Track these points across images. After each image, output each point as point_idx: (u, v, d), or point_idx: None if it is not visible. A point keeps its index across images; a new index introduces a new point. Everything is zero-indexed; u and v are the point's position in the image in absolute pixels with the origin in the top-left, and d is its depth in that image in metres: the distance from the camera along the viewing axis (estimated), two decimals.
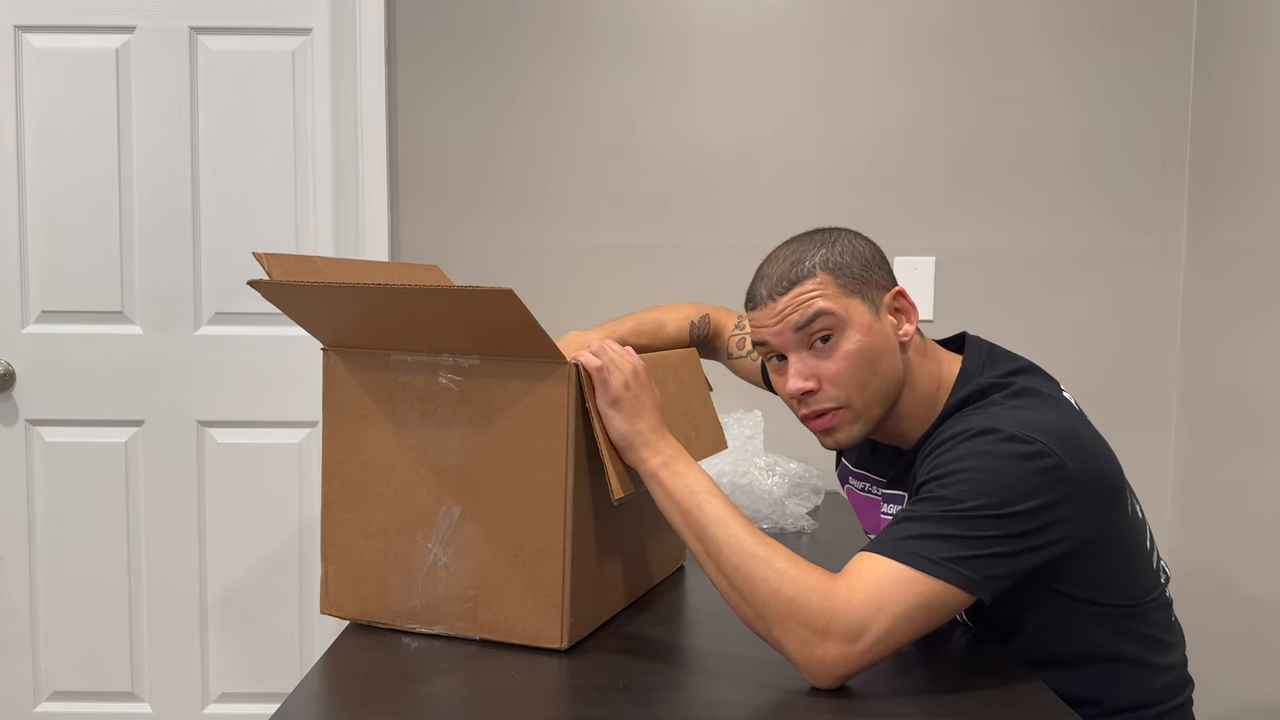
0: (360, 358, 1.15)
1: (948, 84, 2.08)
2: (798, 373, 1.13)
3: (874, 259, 1.15)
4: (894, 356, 1.14)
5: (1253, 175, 1.87)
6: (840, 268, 1.12)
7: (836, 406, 1.13)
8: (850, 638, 0.97)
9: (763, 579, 0.99)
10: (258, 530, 2.14)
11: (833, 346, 1.11)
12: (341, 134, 2.08)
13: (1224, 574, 1.93)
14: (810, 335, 1.11)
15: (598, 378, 1.09)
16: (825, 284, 1.11)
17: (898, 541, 1.00)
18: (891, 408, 1.15)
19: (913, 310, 1.15)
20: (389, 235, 2.07)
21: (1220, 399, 1.95)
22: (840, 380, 1.12)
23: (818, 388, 1.12)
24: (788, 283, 1.13)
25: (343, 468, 1.17)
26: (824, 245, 1.14)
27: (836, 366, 1.11)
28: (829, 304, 1.11)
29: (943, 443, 1.06)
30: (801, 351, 1.13)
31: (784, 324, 1.12)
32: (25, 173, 2.08)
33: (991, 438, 1.02)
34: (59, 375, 2.10)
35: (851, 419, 1.13)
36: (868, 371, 1.12)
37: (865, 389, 1.12)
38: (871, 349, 1.12)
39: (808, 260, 1.13)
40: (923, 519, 1.00)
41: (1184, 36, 2.07)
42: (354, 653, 1.11)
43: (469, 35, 2.09)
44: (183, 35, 2.06)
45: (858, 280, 1.12)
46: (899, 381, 1.14)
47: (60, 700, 2.15)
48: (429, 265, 1.53)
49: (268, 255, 1.12)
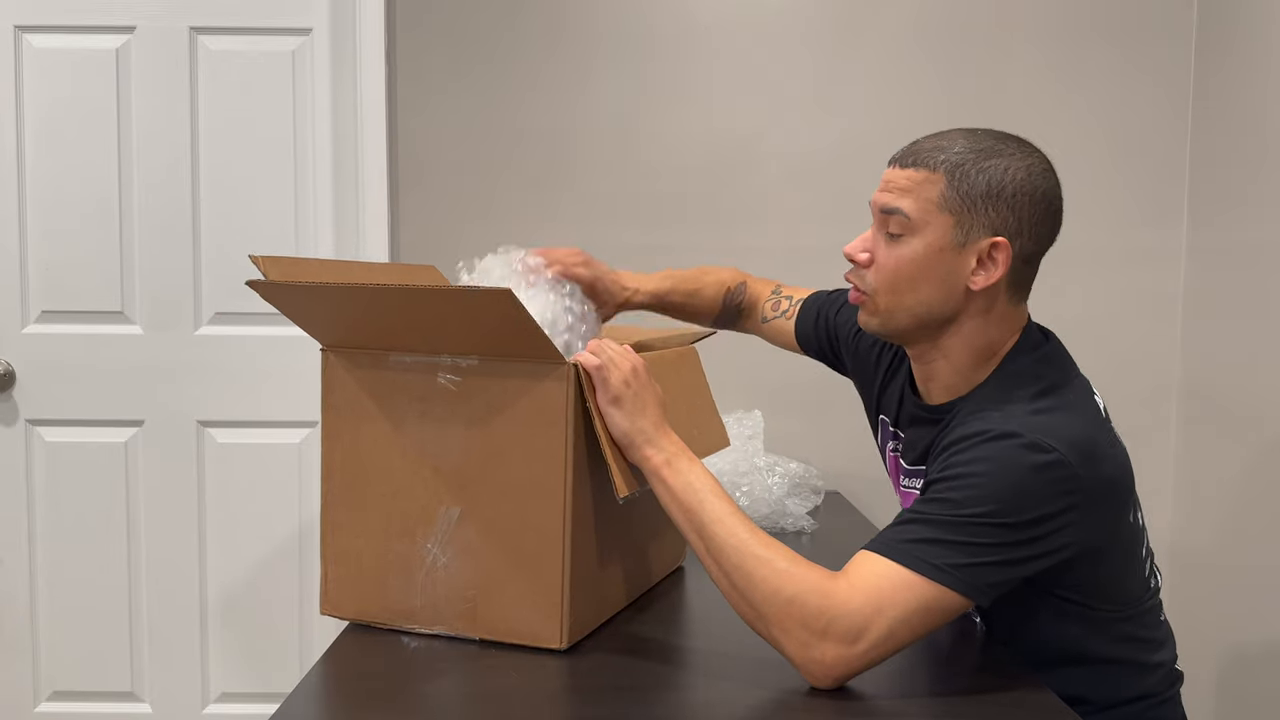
0: (359, 358, 1.15)
1: (949, 83, 2.08)
2: (864, 240, 1.12)
3: (1011, 199, 1.06)
4: (947, 290, 1.08)
5: (1252, 174, 1.86)
6: (963, 180, 1.06)
7: (864, 293, 1.12)
8: (849, 639, 0.97)
9: (762, 578, 0.99)
10: (258, 530, 2.14)
11: (896, 243, 1.09)
12: (341, 134, 2.08)
13: (1223, 573, 1.93)
14: (886, 220, 1.09)
15: (597, 376, 1.09)
16: (933, 184, 1.06)
17: (902, 544, 0.99)
18: (927, 337, 1.12)
19: (1002, 268, 1.07)
20: (389, 235, 2.07)
21: (1220, 398, 1.95)
22: (881, 274, 1.10)
23: (865, 265, 1.12)
24: (911, 159, 1.09)
25: (342, 468, 1.17)
26: (978, 154, 1.06)
27: (884, 260, 1.10)
28: (913, 208, 1.07)
29: (959, 440, 1.04)
30: (878, 228, 1.11)
31: (879, 197, 1.10)
32: (25, 173, 2.07)
33: (1009, 443, 1.00)
34: (59, 375, 2.10)
35: (871, 310, 1.13)
36: (908, 285, 1.09)
37: (897, 297, 1.10)
38: (924, 268, 1.08)
39: (945, 153, 1.07)
40: (929, 522, 0.99)
41: (1184, 36, 2.06)
42: (354, 653, 1.11)
43: (469, 35, 2.09)
44: (183, 35, 2.06)
45: (965, 203, 1.06)
46: (943, 318, 1.10)
47: (60, 700, 2.15)
48: (426, 266, 1.54)
49: (263, 258, 1.12)
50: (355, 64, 2.06)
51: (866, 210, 2.10)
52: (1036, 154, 1.09)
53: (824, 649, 0.97)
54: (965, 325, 1.11)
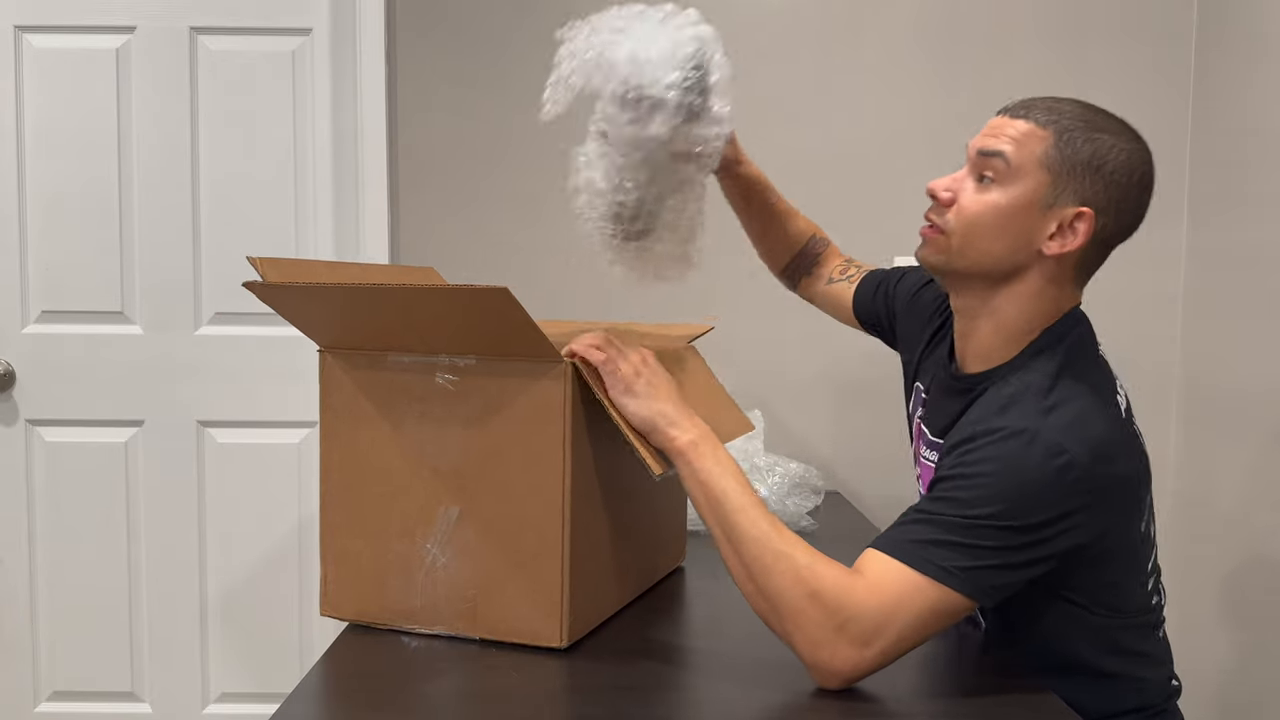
0: (357, 359, 1.15)
1: (946, 83, 2.08)
2: (950, 180, 1.12)
3: (1109, 175, 1.06)
4: (1019, 247, 1.08)
5: (1253, 174, 1.86)
6: (1069, 144, 1.05)
7: (941, 229, 1.11)
8: (863, 641, 0.97)
9: (781, 572, 0.99)
10: (258, 530, 2.14)
11: (986, 188, 1.08)
12: (341, 134, 2.08)
13: (1223, 573, 1.93)
14: (983, 164, 1.08)
15: (605, 369, 1.08)
16: (1040, 140, 1.06)
17: (910, 544, 0.98)
18: (983, 290, 1.11)
19: (1079, 239, 1.07)
20: (389, 235, 2.07)
21: (1220, 398, 1.95)
22: (961, 214, 1.09)
23: (947, 203, 1.11)
24: (1024, 112, 1.08)
25: (341, 469, 1.17)
26: (1088, 124, 1.07)
27: (968, 202, 1.09)
28: (1015, 156, 1.06)
29: (973, 438, 1.02)
30: (970, 172, 1.11)
31: (983, 139, 1.09)
32: (25, 173, 2.08)
33: (1020, 442, 0.99)
34: (59, 375, 2.10)
35: (942, 249, 1.11)
36: (985, 231, 1.08)
37: (971, 240, 1.09)
38: (1007, 219, 1.07)
39: (1058, 114, 1.07)
40: (936, 522, 0.99)
41: (1184, 36, 2.06)
42: (354, 653, 1.11)
43: (469, 35, 2.09)
44: (183, 35, 2.06)
45: (1066, 166, 1.05)
46: (1006, 272, 1.10)
47: (60, 700, 2.16)
48: (425, 267, 1.54)
49: (261, 259, 1.12)
50: (355, 64, 2.06)
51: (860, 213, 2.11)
52: (1143, 143, 1.09)
53: (837, 648, 0.97)
54: (1021, 289, 1.10)
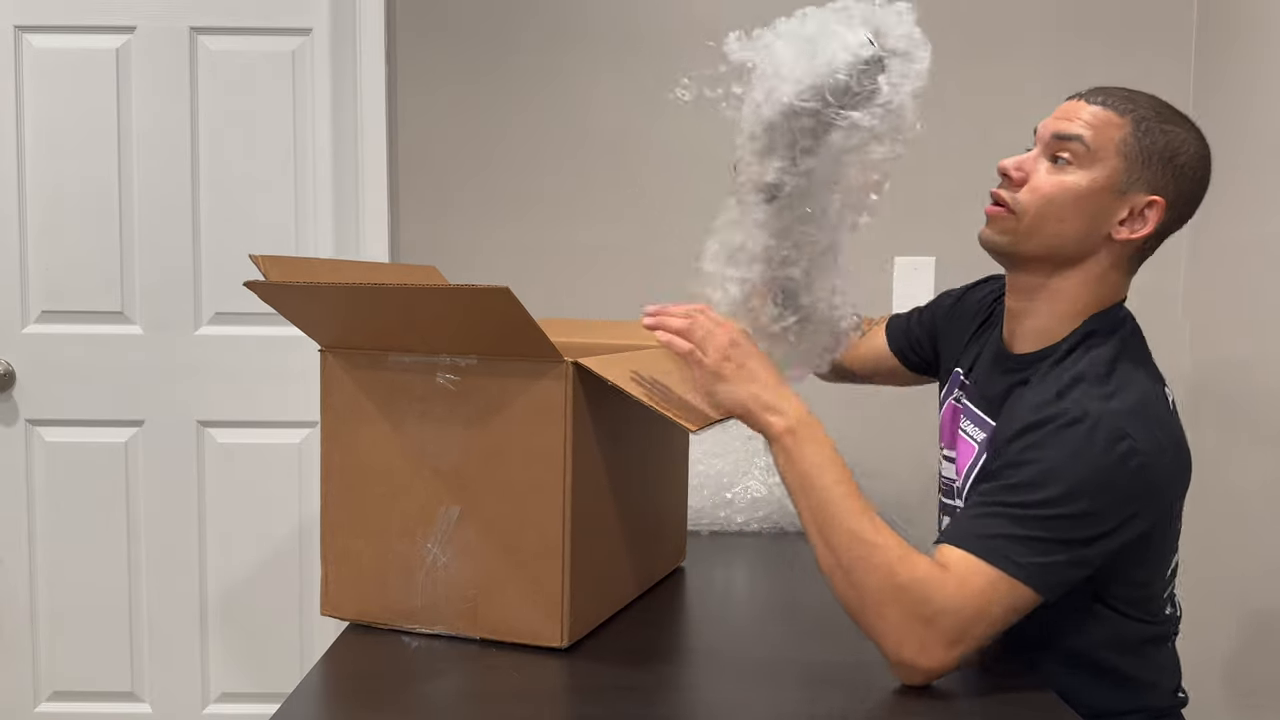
0: (358, 359, 1.15)
1: (946, 83, 2.07)
2: (1021, 159, 1.12)
3: (1179, 168, 1.08)
4: (1090, 230, 1.09)
5: (1253, 174, 1.86)
6: (1146, 133, 1.08)
7: (1010, 209, 1.11)
8: (951, 639, 0.97)
9: (875, 565, 0.97)
10: (258, 530, 2.14)
11: (1061, 170, 1.09)
12: (341, 134, 2.08)
13: (1224, 574, 1.93)
14: (1057, 148, 1.09)
15: (691, 360, 1.07)
16: (1118, 127, 1.08)
17: (991, 540, 0.98)
18: (1046, 272, 1.12)
19: (1149, 226, 1.08)
20: (389, 235, 2.07)
21: (1220, 399, 1.95)
22: (1034, 193, 1.10)
23: (1019, 182, 1.11)
24: (1101, 99, 1.11)
25: (341, 469, 1.17)
26: (1159, 115, 1.10)
27: (1044, 182, 1.09)
28: (1095, 139, 1.08)
29: (1039, 424, 1.02)
30: (1042, 154, 1.11)
31: (1058, 122, 1.10)
32: (25, 173, 2.07)
33: (1085, 427, 1.00)
34: (59, 375, 2.10)
35: (1009, 227, 1.12)
36: (1057, 212, 1.09)
37: (1043, 221, 1.09)
38: (1080, 201, 1.08)
39: (1134, 104, 1.10)
40: (1012, 516, 0.99)
41: (1184, 36, 2.06)
42: (354, 653, 1.11)
43: (469, 35, 2.09)
44: (183, 35, 2.06)
45: (1142, 154, 1.07)
46: (1072, 255, 1.10)
47: (60, 700, 2.15)
48: (427, 266, 1.54)
49: (264, 257, 1.12)
50: (355, 64, 2.06)
51: None
52: (1207, 143, 1.12)
53: (925, 644, 0.97)
54: (1084, 272, 1.11)
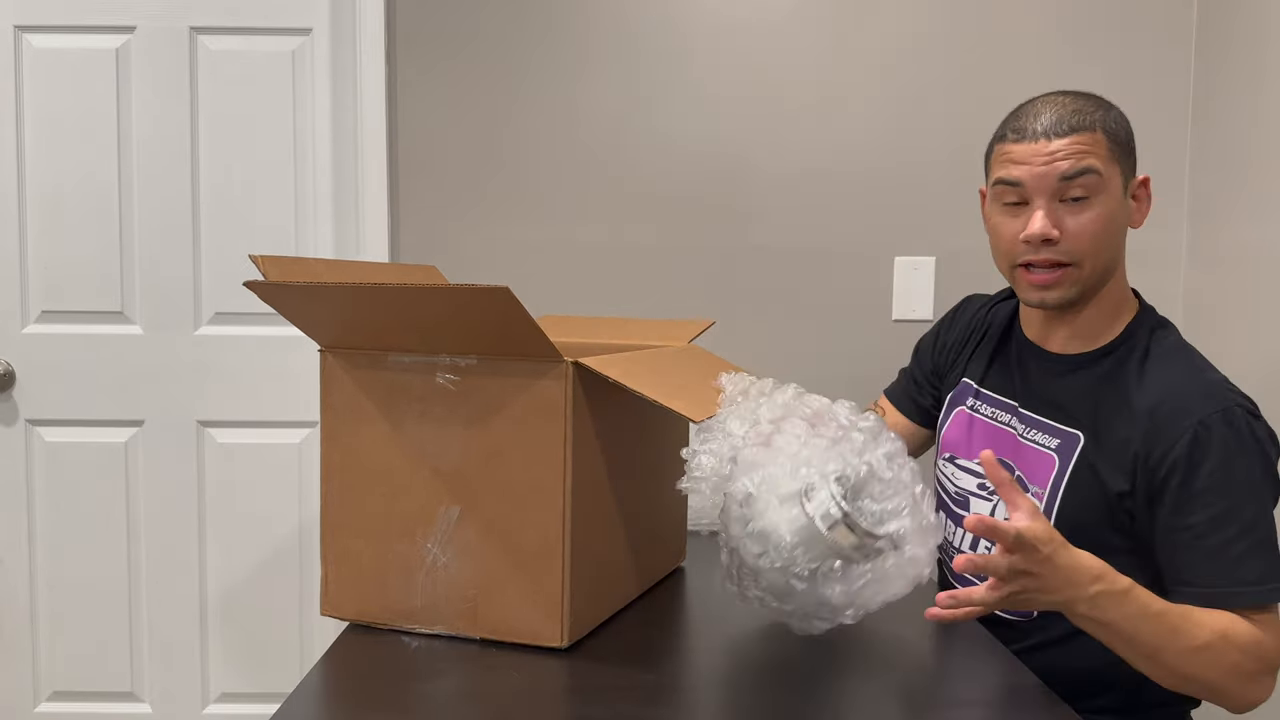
0: (357, 359, 1.15)
1: (947, 83, 2.08)
2: (1046, 218, 1.12)
3: (1131, 136, 1.16)
4: (1123, 238, 1.17)
5: (1253, 174, 1.86)
6: (1114, 134, 1.13)
7: (1068, 263, 1.14)
8: (1273, 670, 1.06)
9: (1212, 664, 1.03)
10: (258, 530, 2.14)
11: (1084, 206, 1.12)
12: (341, 134, 2.08)
13: None
14: (1070, 188, 1.12)
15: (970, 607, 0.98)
16: (1099, 143, 1.12)
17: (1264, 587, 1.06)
18: (1094, 291, 1.18)
19: (1148, 204, 1.18)
20: (389, 235, 2.07)
21: None
22: (1083, 239, 1.13)
23: (1058, 240, 1.13)
24: (1068, 127, 1.12)
25: (341, 469, 1.17)
26: (1102, 108, 1.14)
27: (1084, 225, 1.13)
28: (1099, 163, 1.12)
29: (1198, 438, 1.08)
30: (1052, 200, 1.13)
31: (1051, 167, 1.12)
32: (25, 173, 2.08)
33: (1241, 418, 1.08)
34: (59, 375, 2.10)
35: (1074, 280, 1.15)
36: (1106, 240, 1.14)
37: (1099, 256, 1.14)
38: (1116, 220, 1.15)
39: (1090, 115, 1.13)
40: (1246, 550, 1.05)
41: (1184, 36, 2.06)
42: (354, 653, 1.11)
43: (469, 35, 2.09)
44: (183, 35, 2.06)
45: (1124, 152, 1.14)
46: (1115, 268, 1.18)
47: (60, 700, 2.16)
48: (426, 266, 1.53)
49: (263, 257, 1.12)
50: (355, 64, 2.06)
51: (858, 214, 2.10)
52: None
53: (1264, 685, 1.05)
54: (1117, 271, 1.19)
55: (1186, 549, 1.08)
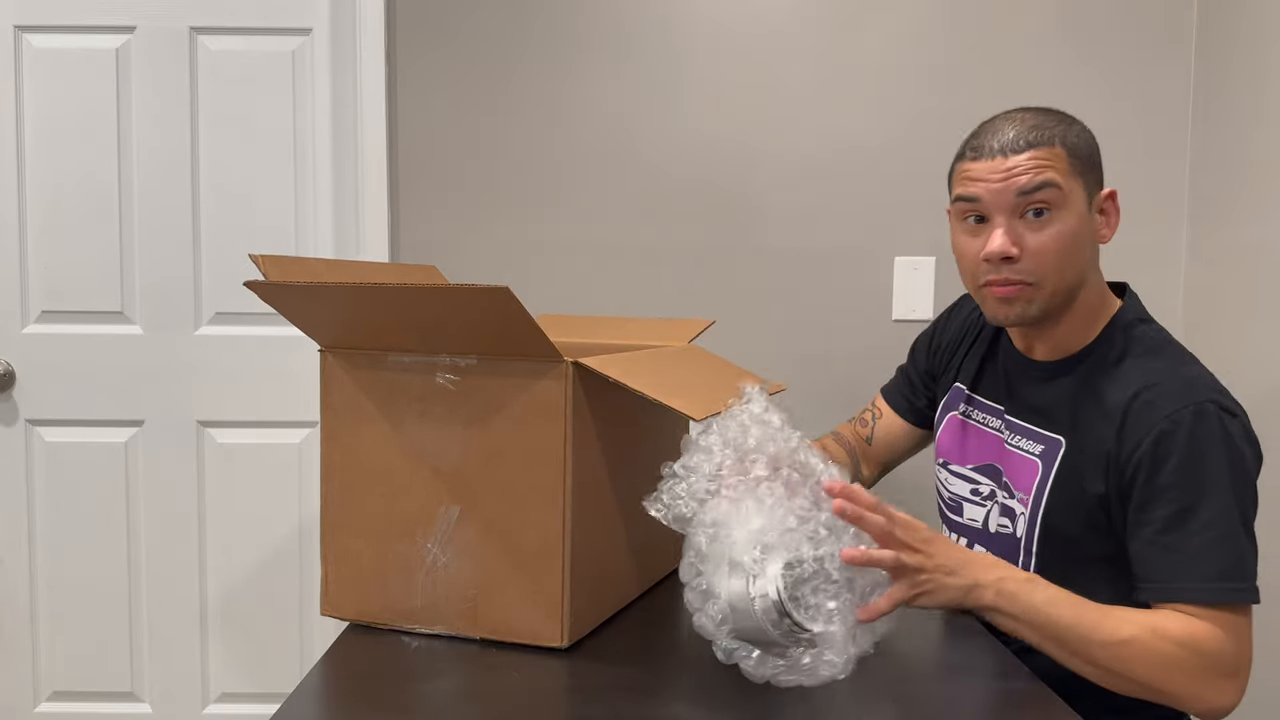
0: (357, 359, 1.15)
1: (947, 83, 2.08)
2: (1005, 236, 1.12)
3: (1098, 154, 1.16)
4: (1089, 253, 1.16)
5: (1253, 174, 1.86)
6: (1075, 148, 1.13)
7: (1028, 282, 1.13)
8: (1232, 671, 1.03)
9: (1140, 658, 1.01)
10: (258, 530, 2.14)
11: (1046, 222, 1.12)
12: (341, 134, 2.08)
13: None
14: (1028, 203, 1.11)
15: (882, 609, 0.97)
16: (1059, 158, 1.12)
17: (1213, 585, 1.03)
18: (1070, 302, 1.17)
19: (1116, 216, 1.18)
20: (389, 235, 2.07)
21: None
22: (1043, 256, 1.12)
23: (1018, 257, 1.13)
24: (1026, 143, 1.12)
25: (341, 469, 1.17)
26: (1063, 123, 1.14)
27: (1045, 242, 1.12)
28: (1058, 178, 1.11)
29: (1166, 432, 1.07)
30: (1012, 217, 1.12)
31: (1009, 184, 1.11)
32: (25, 173, 2.08)
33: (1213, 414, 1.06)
34: (59, 375, 2.10)
35: (1032, 298, 1.14)
36: (1069, 257, 1.13)
37: (1061, 273, 1.13)
38: (1079, 237, 1.13)
39: (1049, 129, 1.13)
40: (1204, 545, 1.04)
41: (1184, 36, 2.06)
42: (354, 653, 1.11)
43: (469, 35, 2.09)
44: (183, 35, 2.06)
45: (1086, 166, 1.14)
46: (1082, 282, 1.16)
47: (60, 700, 2.15)
48: (426, 266, 1.53)
49: (264, 257, 1.12)
50: (355, 64, 2.06)
51: (858, 214, 2.10)
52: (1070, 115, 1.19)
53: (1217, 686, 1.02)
54: (1089, 281, 1.17)
55: (1148, 544, 1.07)
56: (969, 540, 1.29)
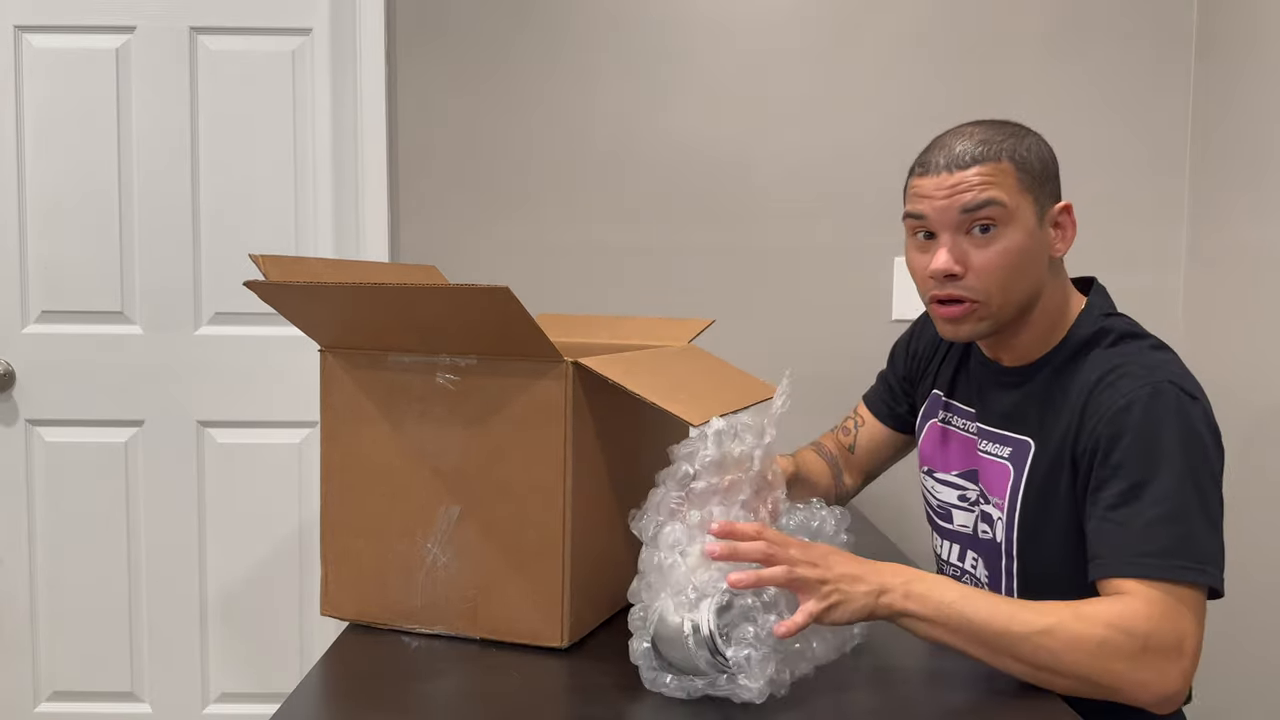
0: (357, 359, 1.15)
1: (947, 83, 2.08)
2: (949, 253, 1.11)
3: (1053, 167, 1.14)
4: (1041, 268, 1.14)
5: (1253, 174, 1.87)
6: (1025, 163, 1.11)
7: (974, 300, 1.12)
8: (1172, 650, 0.97)
9: (1068, 646, 0.96)
10: (258, 530, 2.14)
11: (991, 239, 1.10)
12: (341, 134, 2.08)
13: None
14: (973, 220, 1.10)
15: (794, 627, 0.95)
16: (1006, 173, 1.10)
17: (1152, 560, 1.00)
18: (1023, 316, 1.16)
19: (1072, 230, 1.15)
20: (389, 235, 2.07)
21: (1220, 399, 1.94)
22: (988, 274, 1.11)
23: (963, 274, 1.12)
24: (970, 159, 1.11)
25: (341, 469, 1.17)
26: (1014, 136, 1.13)
27: (989, 260, 1.11)
28: (1004, 195, 1.09)
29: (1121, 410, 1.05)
30: (957, 234, 1.11)
31: (952, 200, 1.10)
32: (25, 173, 2.08)
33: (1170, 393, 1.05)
34: (59, 375, 2.10)
35: (983, 315, 1.13)
36: (1016, 274, 1.11)
37: (1007, 291, 1.12)
38: (1026, 253, 1.11)
39: (996, 144, 1.11)
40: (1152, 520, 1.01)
41: (1184, 36, 2.06)
42: (354, 653, 1.11)
43: (469, 35, 2.09)
44: (183, 35, 2.06)
45: (1036, 181, 1.12)
46: (1037, 295, 1.15)
47: (60, 700, 2.16)
48: (426, 266, 1.53)
49: (264, 257, 1.12)
50: (355, 64, 2.06)
51: (858, 214, 2.10)
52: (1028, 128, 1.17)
53: (1157, 669, 0.97)
54: (1045, 295, 1.16)
55: (1100, 521, 1.05)
56: (960, 547, 1.28)
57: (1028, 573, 1.18)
